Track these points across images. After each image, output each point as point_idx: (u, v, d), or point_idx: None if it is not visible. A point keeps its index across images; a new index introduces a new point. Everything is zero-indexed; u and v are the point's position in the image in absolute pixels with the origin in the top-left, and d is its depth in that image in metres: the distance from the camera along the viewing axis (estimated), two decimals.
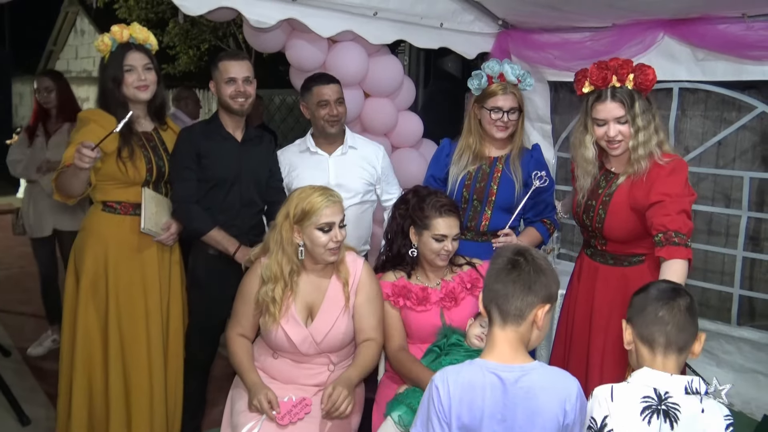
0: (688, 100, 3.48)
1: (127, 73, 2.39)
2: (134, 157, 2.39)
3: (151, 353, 2.48)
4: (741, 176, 3.28)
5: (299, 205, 2.08)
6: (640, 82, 2.07)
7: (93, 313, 2.42)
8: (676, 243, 1.96)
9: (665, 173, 2.07)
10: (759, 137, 3.33)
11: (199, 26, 8.79)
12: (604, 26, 3.27)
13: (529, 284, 1.49)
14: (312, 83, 2.75)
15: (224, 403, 2.25)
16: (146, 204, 2.41)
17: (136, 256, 2.46)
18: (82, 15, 11.56)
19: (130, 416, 2.46)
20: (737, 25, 2.84)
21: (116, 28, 2.41)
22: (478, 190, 2.56)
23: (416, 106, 3.93)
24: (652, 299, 1.56)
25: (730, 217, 3.41)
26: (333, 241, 2.07)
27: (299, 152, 2.82)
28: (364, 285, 2.18)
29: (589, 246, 2.32)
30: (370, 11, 3.16)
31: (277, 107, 8.22)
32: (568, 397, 1.47)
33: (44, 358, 3.66)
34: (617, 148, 2.13)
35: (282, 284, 2.11)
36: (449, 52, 3.67)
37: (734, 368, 3.34)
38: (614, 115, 2.08)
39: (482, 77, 2.57)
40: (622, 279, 2.18)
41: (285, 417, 1.99)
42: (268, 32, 3.12)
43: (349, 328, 2.16)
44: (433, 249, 2.22)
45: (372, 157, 2.85)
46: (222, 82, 2.54)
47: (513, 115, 2.53)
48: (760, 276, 3.39)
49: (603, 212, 2.18)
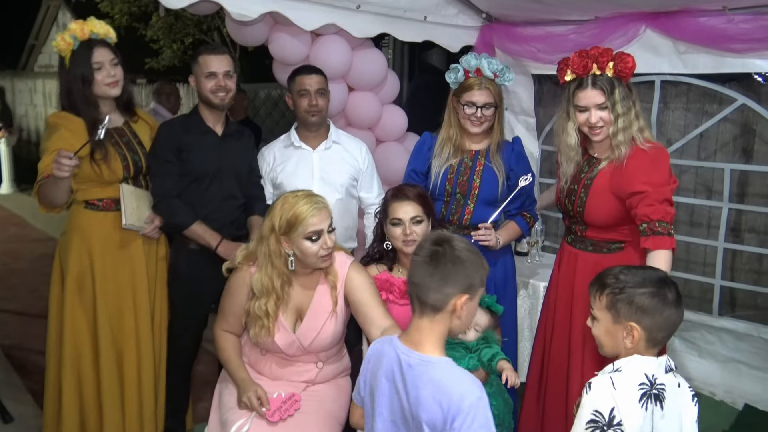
0: (670, 93, 3.51)
1: (97, 71, 2.34)
2: (108, 158, 2.36)
3: (141, 348, 2.47)
4: (722, 168, 3.31)
5: (284, 216, 1.99)
6: (619, 69, 2.12)
7: (80, 311, 2.40)
8: (660, 233, 2.03)
9: (648, 161, 2.11)
10: (739, 129, 3.36)
11: (183, 20, 8.69)
12: (587, 19, 3.28)
13: (446, 276, 1.51)
14: (295, 73, 2.75)
15: (209, 398, 2.24)
16: (125, 200, 2.39)
17: (123, 252, 2.44)
18: (63, 9, 11.42)
19: (124, 412, 2.45)
20: (718, 18, 2.87)
21: (75, 25, 2.35)
22: (461, 183, 2.57)
23: (400, 100, 3.94)
24: (669, 303, 1.52)
25: (712, 208, 3.45)
26: (323, 249, 2.01)
27: (284, 147, 2.82)
28: (356, 285, 2.10)
29: (570, 233, 2.35)
30: (353, 4, 3.15)
31: (263, 101, 8.17)
32: (452, 405, 1.44)
33: (28, 355, 3.63)
34: (599, 133, 2.17)
35: (274, 298, 2.05)
36: (433, 45, 3.67)
37: (716, 358, 3.38)
38: (595, 102, 2.13)
39: (459, 71, 2.56)
40: (600, 266, 2.17)
41: (275, 413, 1.98)
42: (250, 25, 3.10)
43: (337, 332, 2.13)
44: (394, 235, 2.24)
45: (356, 152, 2.85)
46: (202, 77, 2.52)
47: (487, 111, 2.51)
48: (741, 267, 3.43)
49: (585, 195, 2.22)
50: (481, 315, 2.14)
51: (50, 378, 2.49)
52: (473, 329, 2.11)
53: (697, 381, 3.37)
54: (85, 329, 2.41)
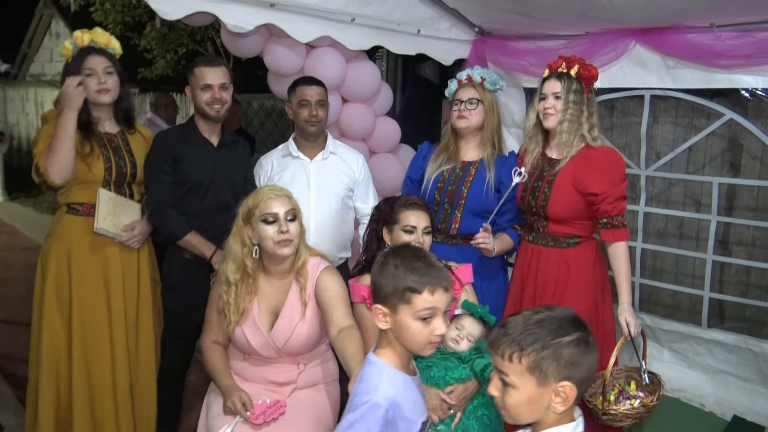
0: (659, 107, 3.55)
1: (88, 78, 2.38)
2: (92, 155, 2.39)
3: (115, 356, 2.46)
4: (710, 182, 3.35)
5: (246, 203, 2.10)
6: (581, 73, 2.42)
7: (57, 316, 2.41)
8: (617, 226, 2.37)
9: (607, 162, 2.40)
10: (727, 144, 3.41)
11: (177, 30, 8.71)
12: (578, 34, 3.33)
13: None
14: (296, 84, 2.79)
15: (200, 408, 2.24)
16: (100, 204, 2.40)
17: (97, 257, 2.45)
18: (57, 17, 11.40)
19: (95, 421, 2.44)
20: (706, 35, 2.91)
21: (78, 33, 2.42)
22: (449, 192, 2.61)
23: (394, 112, 3.96)
24: (591, 345, 1.32)
25: (700, 221, 3.48)
26: (279, 233, 2.03)
27: (282, 156, 2.84)
28: (323, 284, 2.12)
29: (533, 231, 2.54)
30: (348, 17, 3.18)
31: (256, 112, 8.19)
32: (354, 397, 1.53)
33: (18, 365, 3.61)
34: (547, 118, 2.44)
35: (234, 289, 2.09)
36: (426, 58, 3.70)
37: (705, 370, 3.41)
38: (552, 90, 2.43)
39: (453, 82, 2.74)
40: (561, 258, 2.46)
41: (259, 417, 2.00)
42: (246, 37, 3.12)
43: (312, 334, 2.14)
44: (403, 242, 2.25)
45: (353, 162, 2.88)
46: (198, 88, 2.54)
47: (471, 105, 2.63)
48: (729, 279, 3.46)
49: (548, 190, 2.43)
50: (474, 325, 2.16)
51: (31, 385, 2.48)
52: (466, 339, 2.13)
53: (687, 392, 3.40)
54: (62, 335, 2.41)
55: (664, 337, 3.54)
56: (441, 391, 2.02)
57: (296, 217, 2.10)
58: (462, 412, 2.04)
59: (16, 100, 13.06)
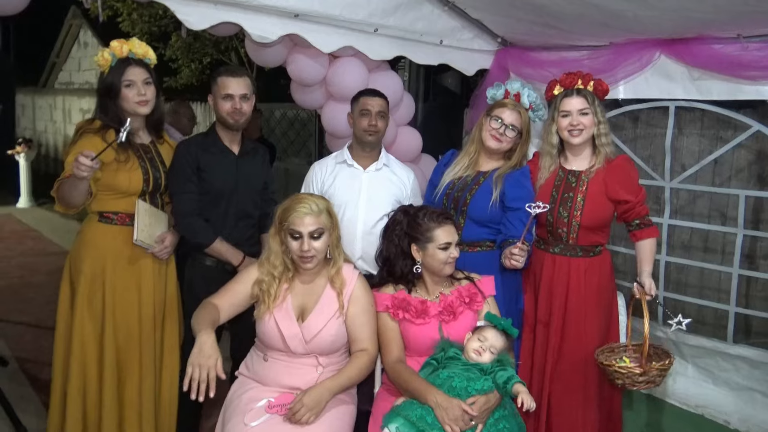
0: (684, 119, 3.52)
1: (127, 88, 2.40)
2: (131, 166, 2.41)
3: (143, 365, 2.48)
4: (737, 194, 3.30)
5: (281, 208, 2.19)
6: (596, 88, 2.52)
7: (89, 324, 2.41)
8: (648, 225, 2.53)
9: (629, 168, 2.55)
10: (754, 156, 3.36)
11: (202, 40, 8.83)
12: (602, 45, 3.32)
13: None
14: (360, 94, 2.83)
15: (218, 415, 2.25)
16: (140, 216, 2.42)
17: (132, 267, 2.47)
18: (85, 27, 11.61)
19: (123, 429, 2.46)
20: (732, 46, 2.88)
21: (116, 44, 2.43)
22: (455, 198, 2.62)
23: (415, 122, 3.97)
24: None
25: (726, 234, 3.43)
26: (301, 250, 2.13)
27: (336, 163, 2.86)
28: (358, 297, 2.23)
29: (559, 242, 2.56)
30: (371, 28, 3.20)
31: (278, 121, 8.25)
32: None
33: (42, 369, 3.66)
34: (577, 135, 2.49)
35: (276, 282, 2.20)
36: (448, 68, 3.71)
37: (731, 386, 3.35)
38: (577, 108, 2.49)
39: (501, 88, 2.69)
40: (591, 268, 2.55)
41: (274, 408, 2.08)
42: (269, 47, 3.15)
43: (341, 333, 2.20)
44: (440, 259, 2.25)
45: (404, 177, 2.88)
46: (219, 98, 2.57)
47: (510, 132, 2.59)
48: (756, 293, 3.40)
49: (582, 200, 2.50)
50: (496, 337, 2.14)
51: (56, 391, 2.48)
52: (488, 351, 2.12)
53: (711, 409, 3.34)
54: (93, 343, 2.42)
55: (688, 352, 3.48)
56: (462, 402, 2.01)
57: (322, 234, 2.16)
58: (483, 425, 2.03)
59: (45, 108, 13.32)
